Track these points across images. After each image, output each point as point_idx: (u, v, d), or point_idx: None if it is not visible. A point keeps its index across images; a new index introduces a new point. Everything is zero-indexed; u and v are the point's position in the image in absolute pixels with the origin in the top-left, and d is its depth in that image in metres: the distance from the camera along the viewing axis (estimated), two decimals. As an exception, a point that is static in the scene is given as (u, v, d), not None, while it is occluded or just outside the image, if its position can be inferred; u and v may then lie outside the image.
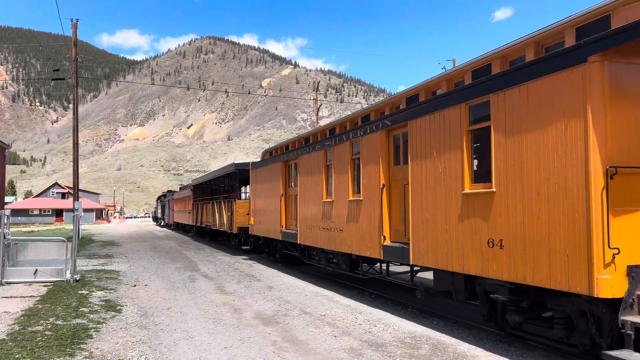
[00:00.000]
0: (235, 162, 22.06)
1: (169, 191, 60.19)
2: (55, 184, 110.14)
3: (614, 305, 5.23)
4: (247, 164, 20.49)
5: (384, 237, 9.58)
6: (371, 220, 10.00)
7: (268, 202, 16.97)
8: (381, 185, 9.68)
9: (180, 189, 46.77)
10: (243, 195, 26.30)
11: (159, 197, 68.79)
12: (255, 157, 31.02)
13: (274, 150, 18.40)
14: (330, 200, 11.91)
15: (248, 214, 19.72)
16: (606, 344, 5.39)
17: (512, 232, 6.30)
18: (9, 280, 12.47)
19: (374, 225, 9.90)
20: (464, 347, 6.97)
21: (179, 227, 45.52)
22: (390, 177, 9.77)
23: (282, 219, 15.56)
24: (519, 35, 7.73)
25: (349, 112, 21.21)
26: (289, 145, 16.62)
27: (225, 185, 26.39)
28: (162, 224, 60.29)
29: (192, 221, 34.17)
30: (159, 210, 66.51)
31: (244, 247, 20.73)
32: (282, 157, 15.84)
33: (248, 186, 28.06)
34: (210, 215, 27.28)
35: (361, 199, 10.33)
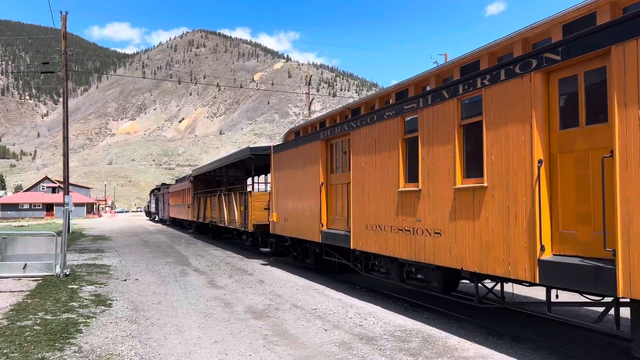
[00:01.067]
0: (251, 145, 18.36)
1: (163, 184, 56.52)
2: (46, 178, 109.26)
3: None
4: (266, 147, 16.71)
5: (542, 247, 5.99)
6: (509, 220, 6.47)
7: (299, 194, 13.34)
8: (535, 162, 6.11)
9: (177, 181, 42.56)
10: (256, 187, 24.03)
11: (153, 191, 64.15)
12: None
13: (303, 128, 15.05)
14: (415, 188, 8.43)
15: (267, 209, 16.36)
16: None
17: None
18: (-2, 274, 12.35)
19: (517, 227, 6.33)
20: (454, 340, 7.01)
21: (176, 223, 42.01)
22: (554, 147, 6.12)
23: (322, 216, 11.94)
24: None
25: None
26: (326, 120, 13.57)
27: (235, 175, 24.03)
28: (156, 219, 56.12)
29: (192, 216, 30.57)
30: (153, 205, 61.90)
31: (263, 250, 16.79)
32: (322, 134, 12.09)
33: (263, 176, 25.76)
34: (215, 210, 23.77)
35: (485, 185, 6.86)
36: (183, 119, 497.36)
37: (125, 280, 12.63)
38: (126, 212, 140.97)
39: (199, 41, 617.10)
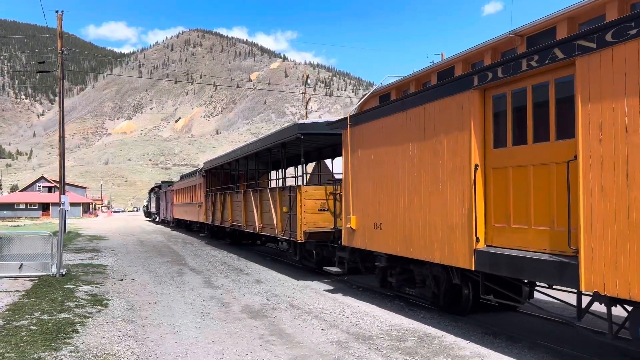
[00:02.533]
0: (300, 121, 13.40)
1: (164, 182, 51.57)
2: (42, 178, 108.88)
3: None
4: (331, 122, 11.82)
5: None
6: None
7: (410, 186, 8.47)
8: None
9: (183, 177, 37.23)
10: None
11: (153, 189, 58.11)
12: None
13: (416, 79, 10.35)
14: None
15: (326, 210, 12.54)
16: None
17: None
18: (-6, 274, 12.32)
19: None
20: (450, 339, 7.03)
21: (181, 225, 36.86)
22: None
23: (475, 223, 7.04)
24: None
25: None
26: (485, 54, 8.76)
27: (256, 168, 19.36)
28: (157, 219, 50.51)
29: (204, 218, 25.44)
30: (153, 204, 56.13)
31: (331, 269, 11.44)
32: (476, 79, 7.10)
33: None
34: (238, 212, 18.62)
35: None
36: (179, 118, 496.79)
37: (122, 280, 12.61)
38: (122, 211, 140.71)
39: (196, 40, 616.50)
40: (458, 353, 6.37)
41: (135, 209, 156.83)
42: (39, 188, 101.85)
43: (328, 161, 21.16)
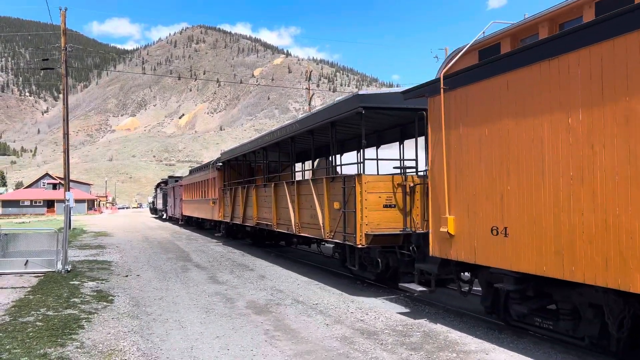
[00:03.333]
0: (362, 92, 10.29)
1: (170, 177, 49.57)
2: (46, 175, 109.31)
3: None
4: (414, 88, 8.59)
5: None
6: None
7: (571, 173, 5.63)
8: None
9: (192, 171, 34.26)
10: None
11: (159, 184, 55.36)
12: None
13: (549, 18, 7.19)
14: None
15: (392, 206, 9.90)
16: None
17: None
18: (0, 271, 12.39)
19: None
20: (455, 334, 7.02)
21: (191, 223, 34.49)
22: None
23: None
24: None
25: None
26: None
27: (282, 158, 18.25)
28: (165, 217, 47.71)
29: (220, 215, 22.90)
30: (159, 200, 53.38)
31: (411, 287, 8.53)
32: None
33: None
34: (267, 208, 15.98)
35: None
36: (183, 114, 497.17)
37: (127, 276, 12.65)
38: (127, 208, 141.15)
39: (199, 37, 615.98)
40: (463, 348, 6.37)
41: (139, 205, 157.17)
42: (44, 185, 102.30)
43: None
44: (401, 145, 12.93)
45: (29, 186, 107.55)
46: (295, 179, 14.33)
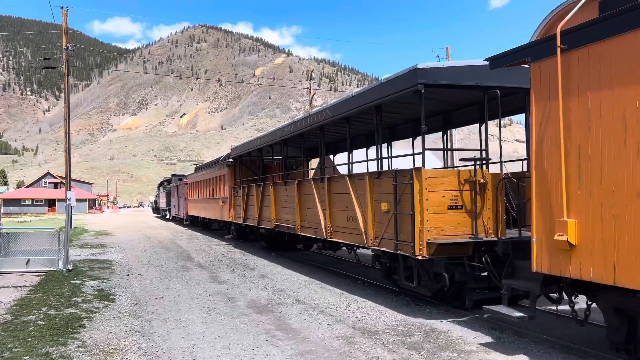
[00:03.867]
0: (422, 65, 8.11)
1: (174, 175, 47.36)
2: (48, 174, 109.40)
3: None
4: (509, 52, 6.50)
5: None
6: None
7: None
8: None
9: (198, 169, 32.25)
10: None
11: (162, 183, 53.22)
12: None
13: None
14: None
15: (459, 207, 8.13)
16: None
17: None
18: (1, 270, 12.41)
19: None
20: (456, 334, 7.02)
21: (197, 223, 32.38)
22: None
23: None
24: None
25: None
26: None
27: (296, 154, 17.33)
28: (168, 216, 45.58)
29: (230, 215, 21.16)
30: (162, 200, 51.03)
31: (504, 312, 6.47)
32: None
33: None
34: (290, 208, 13.87)
35: None
36: (184, 114, 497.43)
37: (128, 275, 12.66)
38: (128, 207, 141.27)
39: (200, 36, 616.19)
40: (464, 348, 6.37)
41: (140, 205, 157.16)
42: (45, 184, 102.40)
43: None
44: (482, 127, 9.74)
45: (30, 185, 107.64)
46: (324, 175, 12.16)
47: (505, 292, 6.74)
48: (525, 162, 9.00)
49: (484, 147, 8.86)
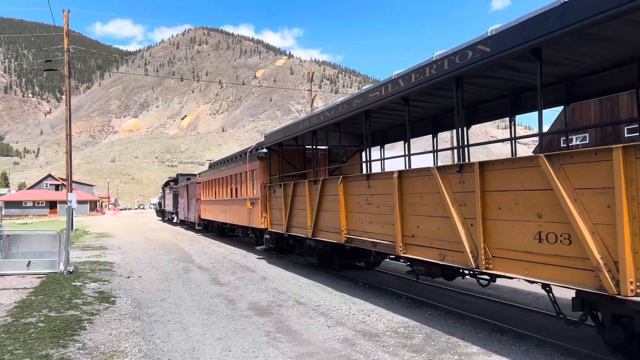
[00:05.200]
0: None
1: (180, 175, 43.31)
2: (49, 176, 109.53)
3: None
4: None
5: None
6: None
7: None
8: None
9: (212, 165, 27.69)
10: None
11: (167, 183, 47.98)
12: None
13: None
14: None
15: None
16: None
17: None
18: (2, 272, 12.40)
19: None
20: (457, 336, 7.00)
21: (211, 229, 28.40)
22: None
23: None
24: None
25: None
26: None
27: (346, 142, 14.31)
28: (175, 220, 40.60)
29: (263, 221, 16.66)
30: (168, 201, 45.75)
31: None
32: None
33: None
34: (374, 214, 9.62)
35: None
36: (185, 116, 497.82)
37: (129, 277, 12.66)
38: (129, 209, 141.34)
39: (201, 38, 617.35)
40: (465, 350, 6.35)
41: (140, 207, 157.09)
42: (47, 186, 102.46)
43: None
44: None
45: (32, 187, 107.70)
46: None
47: None
48: None
49: None
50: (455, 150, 7.67)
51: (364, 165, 12.71)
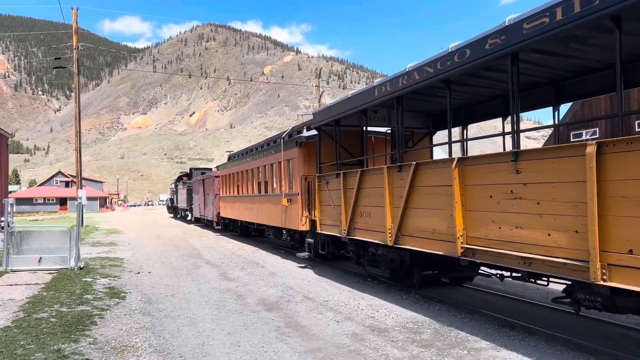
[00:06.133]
0: None
1: (194, 169, 40.94)
2: (59, 173, 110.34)
3: None
4: None
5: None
6: None
7: None
8: None
9: (232, 157, 25.43)
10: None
11: (180, 178, 45.64)
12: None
13: None
14: None
15: None
16: None
17: None
18: (14, 268, 12.55)
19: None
20: (466, 331, 7.00)
21: (232, 227, 25.71)
22: None
23: None
24: None
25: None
26: None
27: (415, 123, 11.70)
28: (190, 217, 37.84)
29: (303, 223, 14.12)
30: (182, 197, 43.05)
31: None
32: None
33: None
34: (528, 217, 6.15)
35: None
36: (194, 112, 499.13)
37: (139, 273, 12.74)
38: (139, 205, 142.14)
39: (209, 35, 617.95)
40: (474, 345, 6.34)
41: (149, 203, 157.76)
42: (57, 183, 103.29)
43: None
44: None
45: (42, 184, 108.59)
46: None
47: None
48: None
49: None
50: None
51: (435, 150, 10.46)
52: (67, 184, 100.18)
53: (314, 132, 13.36)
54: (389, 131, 12.30)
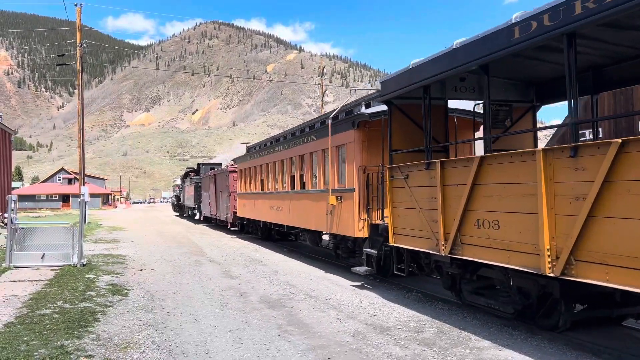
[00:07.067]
0: None
1: (203, 164, 38.17)
2: (62, 170, 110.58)
3: None
4: None
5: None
6: None
7: None
8: None
9: (252, 148, 21.99)
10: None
11: (187, 174, 42.73)
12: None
13: None
14: None
15: None
16: None
17: None
18: (17, 264, 12.59)
19: None
20: (468, 331, 6.99)
21: (251, 229, 22.22)
22: None
23: None
24: None
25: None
26: None
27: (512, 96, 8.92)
28: (199, 217, 35.25)
29: (360, 227, 11.03)
30: (189, 194, 39.98)
31: None
32: None
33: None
34: None
35: None
36: (196, 110, 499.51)
37: (141, 270, 12.77)
38: (141, 203, 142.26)
39: (212, 32, 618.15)
40: (476, 344, 6.34)
41: (151, 200, 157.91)
42: (59, 179, 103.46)
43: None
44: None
45: (45, 181, 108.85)
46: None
47: None
48: None
49: None
50: None
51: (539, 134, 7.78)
52: (69, 181, 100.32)
53: (379, 107, 10.44)
54: (477, 109, 9.56)
